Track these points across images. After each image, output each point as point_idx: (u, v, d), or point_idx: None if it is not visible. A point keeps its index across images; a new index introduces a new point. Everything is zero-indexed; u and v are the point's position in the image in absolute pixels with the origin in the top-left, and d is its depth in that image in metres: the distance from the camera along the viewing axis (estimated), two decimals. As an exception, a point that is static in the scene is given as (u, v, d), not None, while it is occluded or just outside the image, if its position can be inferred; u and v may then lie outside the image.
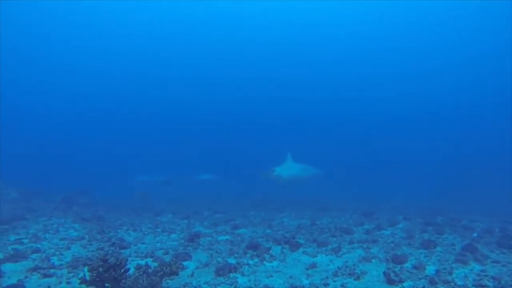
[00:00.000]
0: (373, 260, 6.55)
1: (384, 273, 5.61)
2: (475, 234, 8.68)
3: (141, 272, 4.72)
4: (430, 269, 5.97)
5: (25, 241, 7.53)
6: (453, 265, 6.22)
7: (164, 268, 4.71)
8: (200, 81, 50.15)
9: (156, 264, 5.37)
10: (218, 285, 5.29)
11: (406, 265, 6.19)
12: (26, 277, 5.38)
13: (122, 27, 43.18)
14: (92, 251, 6.99)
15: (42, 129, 47.05)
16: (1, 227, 8.52)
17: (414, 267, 5.98)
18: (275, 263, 6.45)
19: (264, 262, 6.48)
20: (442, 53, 44.02)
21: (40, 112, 48.76)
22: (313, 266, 6.23)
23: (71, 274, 5.55)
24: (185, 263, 6.19)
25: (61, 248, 7.15)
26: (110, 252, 6.57)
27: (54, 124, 48.15)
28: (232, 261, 6.40)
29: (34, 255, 6.50)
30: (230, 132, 50.52)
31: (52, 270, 5.68)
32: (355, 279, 5.55)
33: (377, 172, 35.49)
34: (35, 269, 5.66)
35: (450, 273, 5.76)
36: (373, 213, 12.50)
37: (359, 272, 5.80)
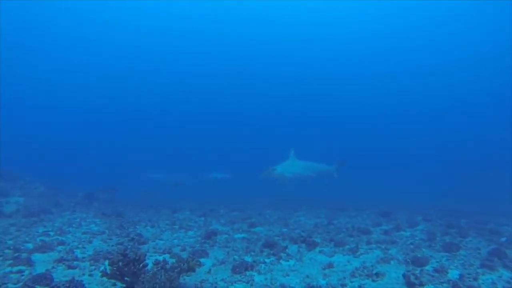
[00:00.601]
0: (392, 262, 6.39)
1: (403, 275, 5.46)
2: (503, 239, 8.24)
3: (159, 268, 4.81)
4: (453, 273, 5.74)
5: (51, 233, 7.86)
6: (478, 270, 5.93)
7: (182, 264, 4.78)
8: (207, 79, 50.53)
9: (173, 260, 5.47)
10: (235, 282, 5.31)
11: (426, 268, 5.99)
12: (53, 267, 5.61)
13: (129, 25, 43.91)
14: (112, 245, 7.20)
15: (54, 126, 48.75)
16: (30, 219, 8.94)
17: (436, 271, 5.78)
18: (291, 262, 6.42)
19: (281, 261, 6.46)
20: (446, 51, 43.38)
21: (54, 110, 50.54)
22: (330, 266, 6.15)
23: (93, 267, 5.73)
24: (202, 260, 6.26)
25: (84, 241, 7.41)
26: (129, 247, 6.75)
27: (68, 121, 49.86)
28: (248, 259, 6.42)
29: (59, 247, 6.77)
30: (239, 130, 51.08)
31: (75, 262, 5.89)
32: (373, 281, 5.43)
33: (386, 170, 35.43)
34: (61, 260, 5.90)
35: (475, 279, 5.49)
36: (391, 213, 12.27)
37: (377, 273, 5.68)
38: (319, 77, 49.59)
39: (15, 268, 5.37)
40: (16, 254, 6.01)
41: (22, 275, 5.13)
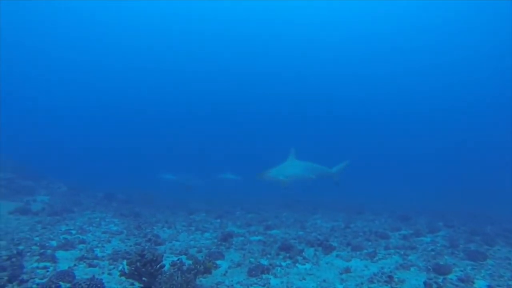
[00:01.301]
0: (412, 268, 6.20)
1: (424, 283, 5.29)
2: None
3: (176, 269, 4.87)
4: (480, 284, 5.47)
5: (73, 232, 8.10)
6: (510, 282, 5.60)
7: (198, 266, 4.81)
8: (213, 78, 51.29)
9: (190, 261, 5.51)
10: (251, 285, 5.29)
11: (450, 276, 5.77)
12: (74, 265, 5.78)
13: (131, 25, 44.72)
14: (130, 245, 7.33)
15: (66, 126, 50.39)
16: (54, 217, 9.26)
17: (460, 280, 5.54)
18: (308, 266, 6.34)
19: (297, 264, 6.39)
20: (446, 51, 43.15)
21: (67, 110, 52.19)
22: (347, 270, 6.03)
23: (112, 266, 5.86)
24: (218, 262, 6.28)
25: (103, 241, 7.58)
26: (146, 247, 6.86)
27: (81, 121, 51.57)
28: (264, 262, 6.39)
29: (80, 246, 6.97)
30: (251, 130, 51.42)
31: (95, 261, 6.04)
32: (392, 287, 5.29)
33: (393, 171, 35.01)
34: (82, 258, 6.07)
35: (506, 291, 5.17)
36: (410, 218, 11.94)
37: (396, 280, 5.52)
38: (324, 78, 49.86)
39: (41, 264, 5.59)
40: (42, 251, 6.24)
41: (47, 271, 5.33)
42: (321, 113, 51.43)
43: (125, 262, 5.33)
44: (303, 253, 7.03)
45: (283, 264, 6.37)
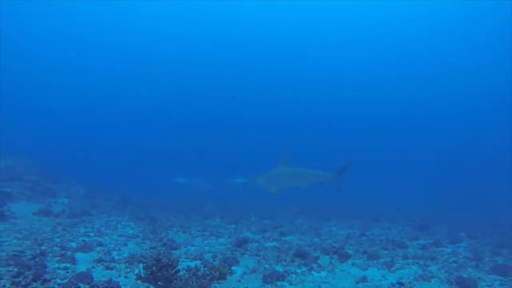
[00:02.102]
0: (433, 280, 5.99)
1: (446, 295, 5.10)
2: None
3: (191, 274, 4.89)
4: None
5: (91, 234, 8.28)
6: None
7: (214, 272, 4.82)
8: (215, 80, 51.79)
9: (205, 267, 5.52)
10: (265, 292, 5.26)
11: (474, 290, 5.55)
12: (92, 267, 5.90)
13: (134, 27, 45.47)
14: (146, 249, 7.42)
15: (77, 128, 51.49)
16: (74, 219, 9.51)
17: (486, 294, 5.32)
18: (323, 274, 6.24)
19: (312, 272, 6.30)
20: (448, 58, 43.00)
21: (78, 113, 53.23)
22: (363, 279, 5.90)
23: (128, 269, 5.94)
24: (232, 268, 6.27)
25: (120, 244, 7.71)
26: (162, 252, 6.92)
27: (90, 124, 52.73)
28: (279, 268, 6.33)
29: (98, 248, 7.11)
30: (264, 134, 51.31)
31: (112, 264, 6.14)
32: (412, 299, 5.14)
33: (402, 176, 34.39)
34: (99, 261, 6.20)
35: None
36: (428, 227, 11.59)
37: (416, 291, 5.35)
38: (325, 81, 50.02)
39: (62, 265, 5.74)
40: (63, 252, 6.42)
41: (68, 272, 5.46)
42: (328, 117, 51.76)
43: (141, 265, 5.40)
44: (319, 261, 6.93)
45: (298, 271, 6.29)
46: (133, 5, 41.95)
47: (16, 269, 4.92)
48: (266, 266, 6.51)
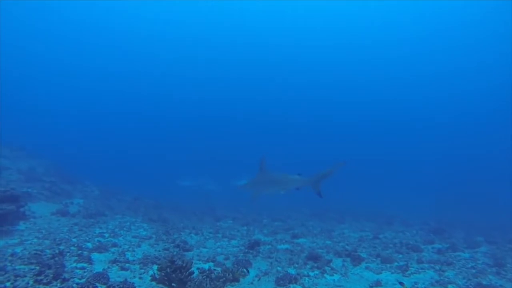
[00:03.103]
0: (450, 286, 5.87)
1: (464, 302, 4.98)
2: None
3: (204, 276, 4.93)
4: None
5: (106, 235, 8.44)
6: None
7: (227, 275, 4.84)
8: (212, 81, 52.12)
9: (218, 269, 5.56)
10: (278, 295, 5.25)
11: (494, 297, 5.39)
12: (108, 267, 6.02)
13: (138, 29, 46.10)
14: (159, 250, 7.51)
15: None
16: (89, 220, 9.72)
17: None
18: (336, 277, 6.20)
19: (325, 275, 6.27)
20: (449, 60, 43.01)
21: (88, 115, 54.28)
22: (377, 283, 5.83)
23: (142, 270, 6.03)
24: (245, 270, 6.28)
25: (133, 245, 7.83)
26: (175, 253, 7.00)
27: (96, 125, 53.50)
28: (292, 271, 6.32)
29: (113, 249, 7.24)
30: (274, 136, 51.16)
31: (127, 264, 6.25)
32: (428, 305, 5.04)
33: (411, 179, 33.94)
34: (115, 261, 6.32)
35: None
36: (443, 230, 11.33)
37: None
38: (325, 83, 50.21)
39: (79, 265, 5.90)
40: (79, 252, 6.58)
41: (85, 272, 5.60)
42: (334, 118, 51.92)
43: (155, 267, 5.48)
44: (331, 264, 6.88)
45: (311, 274, 6.27)
46: (133, 6, 42.65)
47: (37, 268, 5.10)
48: (279, 268, 6.51)
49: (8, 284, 4.58)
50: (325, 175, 7.15)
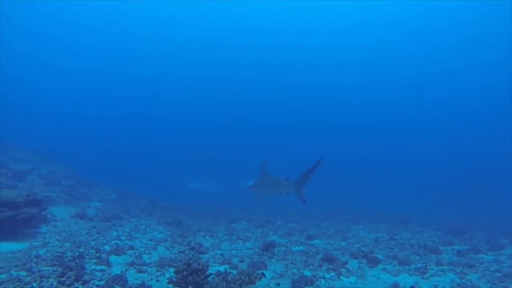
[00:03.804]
0: (472, 289, 5.69)
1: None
2: None
3: (221, 279, 4.95)
4: None
5: (123, 238, 8.61)
6: None
7: (243, 277, 4.85)
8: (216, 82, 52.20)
9: (234, 271, 5.57)
10: (295, 298, 5.22)
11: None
12: (126, 270, 6.13)
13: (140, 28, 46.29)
14: (175, 253, 7.59)
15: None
16: (106, 223, 9.94)
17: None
18: (352, 279, 6.12)
19: (341, 277, 6.20)
20: (448, 59, 42.53)
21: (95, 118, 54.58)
22: (395, 286, 5.71)
23: (159, 273, 6.10)
24: (261, 272, 6.27)
25: (150, 247, 7.94)
26: (190, 256, 7.06)
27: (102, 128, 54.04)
28: (307, 273, 6.28)
29: (130, 252, 7.37)
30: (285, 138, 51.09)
31: (144, 267, 6.35)
32: (449, 309, 4.91)
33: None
34: (132, 264, 6.43)
35: None
36: (463, 231, 11.01)
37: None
38: (326, 85, 49.95)
39: (98, 267, 6.02)
40: (98, 254, 6.73)
41: (104, 274, 5.72)
42: (334, 120, 51.75)
43: (171, 269, 5.54)
44: (347, 265, 6.80)
45: (327, 276, 6.21)
46: (133, 6, 43.03)
47: (60, 269, 5.26)
48: (294, 270, 6.48)
49: (35, 284, 4.76)
50: (305, 180, 7.02)
